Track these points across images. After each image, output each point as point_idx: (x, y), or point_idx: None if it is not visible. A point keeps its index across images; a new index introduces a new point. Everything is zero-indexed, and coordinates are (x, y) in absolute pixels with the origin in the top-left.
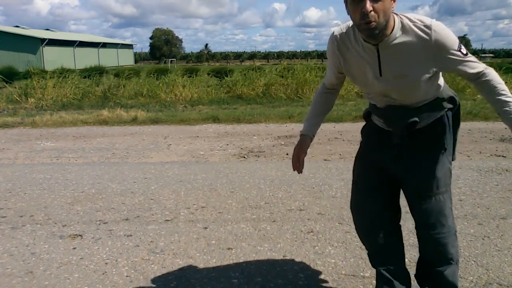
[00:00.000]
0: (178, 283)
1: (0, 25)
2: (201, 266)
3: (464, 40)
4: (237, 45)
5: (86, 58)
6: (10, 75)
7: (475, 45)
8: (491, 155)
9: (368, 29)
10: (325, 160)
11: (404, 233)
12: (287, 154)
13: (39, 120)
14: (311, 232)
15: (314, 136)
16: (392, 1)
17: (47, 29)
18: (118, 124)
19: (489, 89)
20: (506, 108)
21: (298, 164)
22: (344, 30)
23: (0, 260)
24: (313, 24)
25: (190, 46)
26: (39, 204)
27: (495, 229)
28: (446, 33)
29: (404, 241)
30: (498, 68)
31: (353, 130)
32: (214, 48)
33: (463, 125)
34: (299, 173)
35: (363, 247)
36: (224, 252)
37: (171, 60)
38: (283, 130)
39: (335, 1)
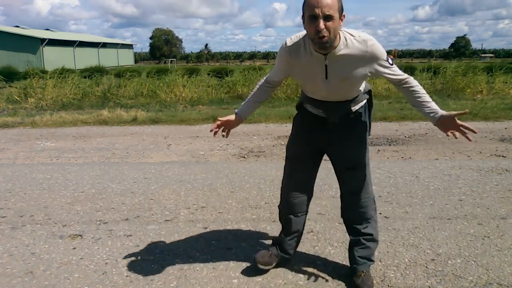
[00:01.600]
0: (178, 283)
1: (0, 25)
2: (201, 266)
3: (464, 40)
4: (237, 45)
5: (86, 58)
6: (10, 75)
7: (475, 45)
8: (491, 155)
9: (320, 43)
10: (325, 160)
11: (404, 233)
12: None
13: (39, 120)
14: (311, 232)
15: (245, 119)
16: (340, 21)
17: (47, 29)
18: (118, 124)
19: (411, 93)
20: (426, 106)
21: (217, 129)
22: (296, 40)
23: (0, 260)
24: None
25: (190, 46)
26: (39, 204)
27: (495, 229)
28: (378, 46)
29: (404, 241)
30: (498, 68)
31: None
32: (214, 48)
33: None
34: (214, 135)
35: None
36: (224, 252)
37: (171, 60)
38: (283, 130)
39: None
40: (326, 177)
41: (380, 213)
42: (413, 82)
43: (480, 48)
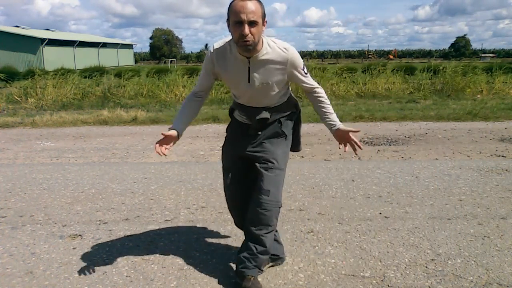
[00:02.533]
0: (178, 283)
1: (0, 25)
2: (201, 266)
3: (464, 40)
4: None
5: (86, 58)
6: (10, 75)
7: (475, 45)
8: (491, 155)
9: (245, 46)
10: (325, 160)
11: (404, 233)
12: None
13: (39, 120)
14: (311, 232)
15: (181, 134)
16: (263, 26)
17: (47, 29)
18: (118, 124)
19: (318, 102)
20: (328, 117)
21: (162, 149)
22: (222, 44)
23: (0, 260)
24: (313, 24)
25: (190, 46)
26: (39, 204)
27: (495, 229)
28: (298, 56)
29: (404, 241)
30: (498, 68)
31: None
32: None
33: (463, 125)
34: (161, 155)
35: (363, 247)
36: (224, 252)
37: (171, 60)
38: None
39: (335, 1)
40: (326, 177)
41: (380, 213)
42: (321, 92)
43: (480, 48)
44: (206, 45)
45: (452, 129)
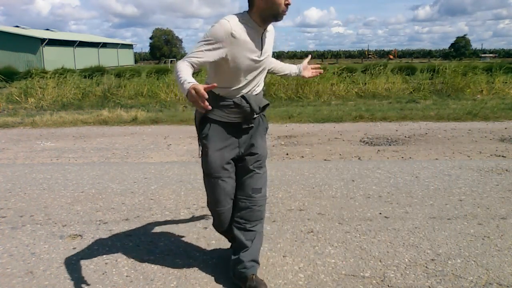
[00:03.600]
0: (178, 283)
1: (0, 25)
2: (201, 266)
3: (464, 40)
4: None
5: (86, 58)
6: (10, 75)
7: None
8: (491, 155)
9: (284, 15)
10: (325, 160)
11: (403, 233)
12: (287, 154)
13: (39, 120)
14: (311, 232)
15: None
16: None
17: (47, 29)
18: (118, 124)
19: (277, 64)
20: (289, 68)
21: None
22: (236, 19)
23: (0, 260)
24: (313, 24)
25: (190, 46)
26: (39, 204)
27: (495, 229)
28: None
29: (404, 241)
30: (498, 68)
31: (353, 130)
32: None
33: (463, 125)
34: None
35: (363, 247)
36: (224, 252)
37: (171, 60)
38: (283, 130)
39: (335, 1)
40: (326, 177)
41: (380, 213)
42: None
43: (480, 48)
44: None
45: (452, 129)
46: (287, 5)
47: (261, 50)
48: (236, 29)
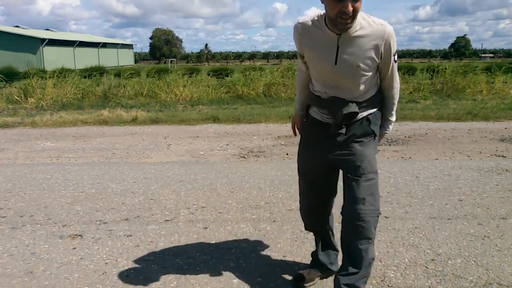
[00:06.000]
0: (178, 283)
1: (0, 25)
2: (201, 266)
3: (464, 40)
4: (238, 45)
5: (86, 58)
6: (10, 75)
7: (475, 45)
8: (491, 155)
9: (344, 24)
10: None
11: (404, 233)
12: (287, 154)
13: (39, 120)
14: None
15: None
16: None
17: (47, 29)
18: (118, 124)
19: (388, 100)
20: (388, 119)
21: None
22: (308, 18)
23: (0, 260)
24: None
25: (190, 46)
26: (39, 204)
27: (495, 229)
28: (394, 36)
29: (404, 241)
30: (498, 68)
31: None
32: (214, 48)
33: (463, 125)
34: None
35: None
36: (224, 252)
37: (171, 60)
38: (283, 130)
39: None
40: None
41: (380, 213)
42: (397, 91)
43: (480, 48)
44: (206, 45)
45: (452, 129)
46: (342, 14)
47: (336, 58)
48: (303, 32)
